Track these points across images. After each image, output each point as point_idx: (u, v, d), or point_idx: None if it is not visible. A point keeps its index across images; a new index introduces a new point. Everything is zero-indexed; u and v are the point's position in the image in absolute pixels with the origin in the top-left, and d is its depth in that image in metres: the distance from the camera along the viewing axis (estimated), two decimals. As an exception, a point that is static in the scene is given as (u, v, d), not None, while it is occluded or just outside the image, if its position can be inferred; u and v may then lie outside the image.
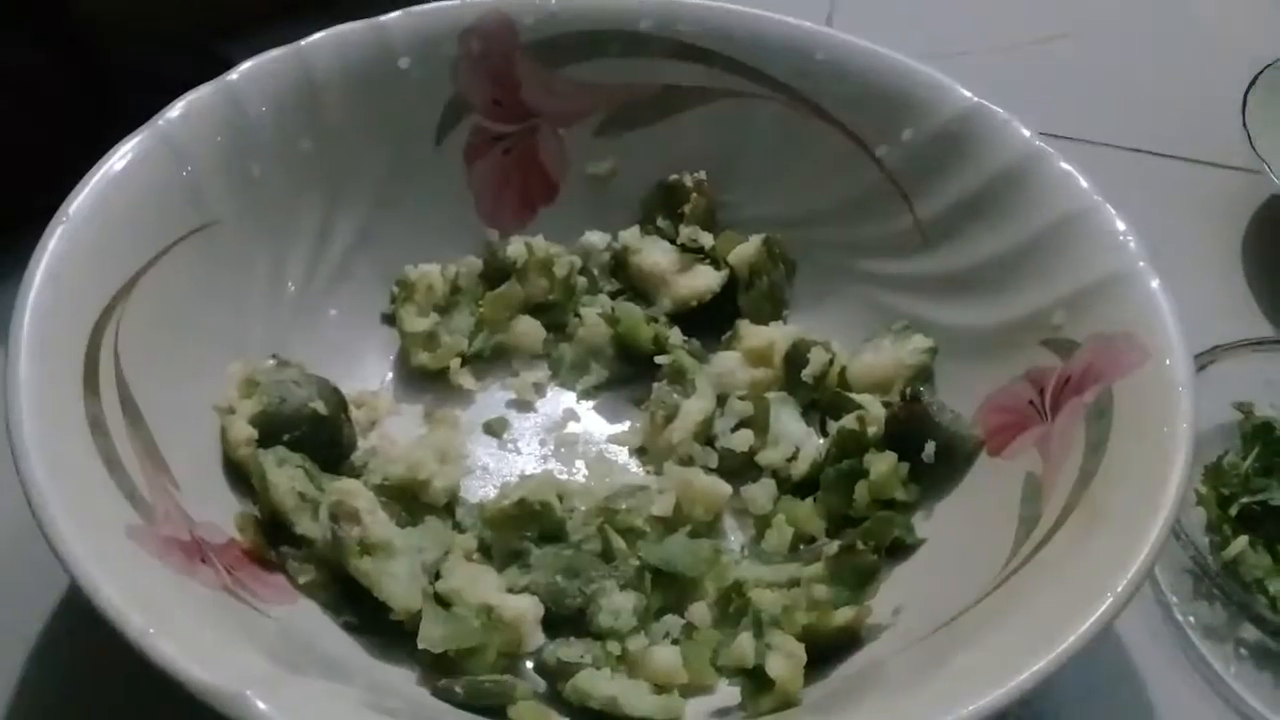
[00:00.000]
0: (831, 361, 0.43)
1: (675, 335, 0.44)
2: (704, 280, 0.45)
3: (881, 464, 0.39)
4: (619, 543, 0.37)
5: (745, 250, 0.45)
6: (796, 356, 0.43)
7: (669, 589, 0.37)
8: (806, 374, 0.43)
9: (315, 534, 0.36)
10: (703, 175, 0.46)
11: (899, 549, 0.39)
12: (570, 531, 0.38)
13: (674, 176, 0.47)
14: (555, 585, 0.36)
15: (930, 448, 0.40)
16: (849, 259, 0.46)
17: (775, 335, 0.44)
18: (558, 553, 0.37)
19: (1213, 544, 0.42)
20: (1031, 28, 0.63)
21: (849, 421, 0.41)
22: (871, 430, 0.40)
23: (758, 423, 0.42)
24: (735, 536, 0.41)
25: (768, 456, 0.41)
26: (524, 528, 0.38)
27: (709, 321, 0.45)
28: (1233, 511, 0.42)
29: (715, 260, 0.46)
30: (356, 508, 0.36)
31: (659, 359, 0.44)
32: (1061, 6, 0.65)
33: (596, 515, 0.38)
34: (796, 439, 0.41)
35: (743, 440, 0.41)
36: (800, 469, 0.41)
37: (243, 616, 0.32)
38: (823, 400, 0.43)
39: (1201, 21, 0.65)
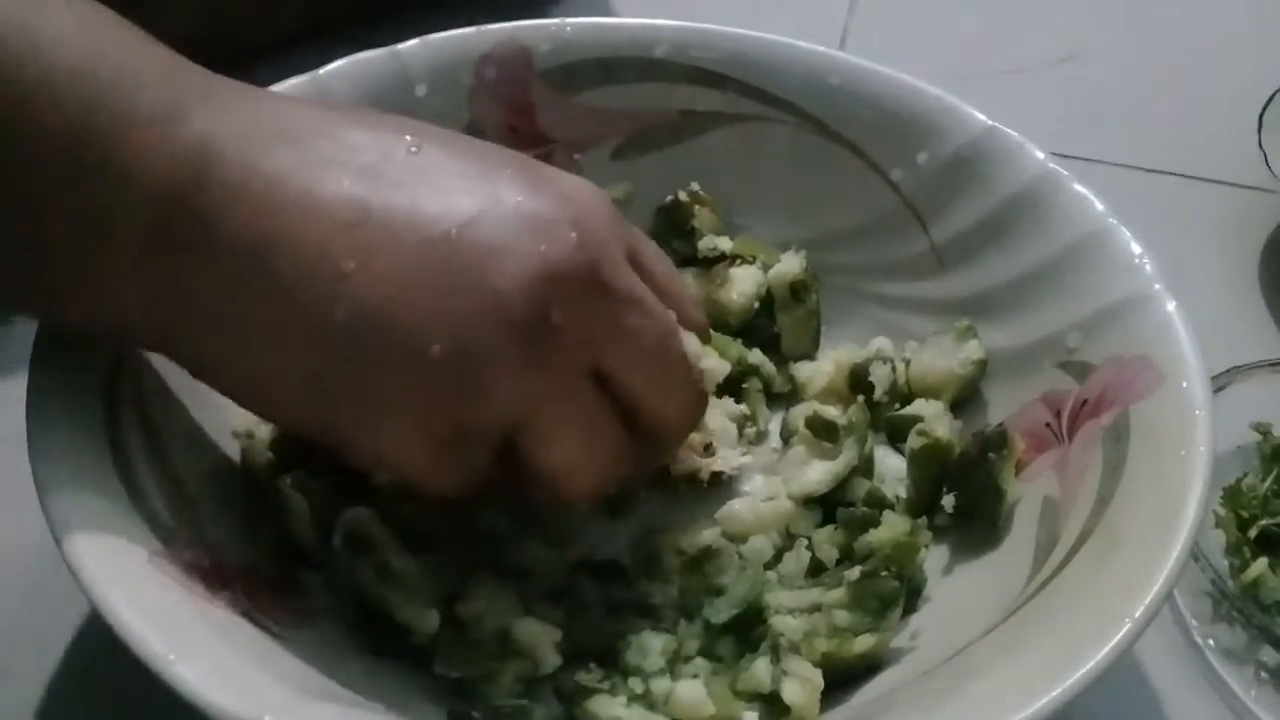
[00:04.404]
0: (894, 369, 0.42)
1: (755, 355, 0.44)
2: (748, 282, 0.45)
3: (896, 527, 0.38)
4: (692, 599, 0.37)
5: (786, 268, 0.44)
6: (858, 382, 0.42)
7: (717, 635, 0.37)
8: (880, 395, 0.42)
9: (333, 559, 0.36)
10: (695, 186, 0.46)
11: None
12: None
13: (669, 198, 0.47)
14: (590, 621, 0.36)
15: (969, 496, 0.39)
16: (864, 282, 0.46)
17: (829, 369, 0.43)
18: (599, 589, 0.37)
19: (1232, 566, 0.42)
20: (1044, 49, 0.63)
21: (926, 432, 0.39)
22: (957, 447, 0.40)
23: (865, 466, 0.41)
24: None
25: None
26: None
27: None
28: (1252, 534, 0.42)
29: (740, 257, 0.45)
30: (370, 533, 0.36)
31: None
32: (1074, 27, 0.65)
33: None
34: (899, 472, 0.41)
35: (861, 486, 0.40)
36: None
37: (263, 641, 0.32)
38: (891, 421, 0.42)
39: (1217, 41, 0.65)
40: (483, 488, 0.33)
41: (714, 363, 0.36)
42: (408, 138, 0.32)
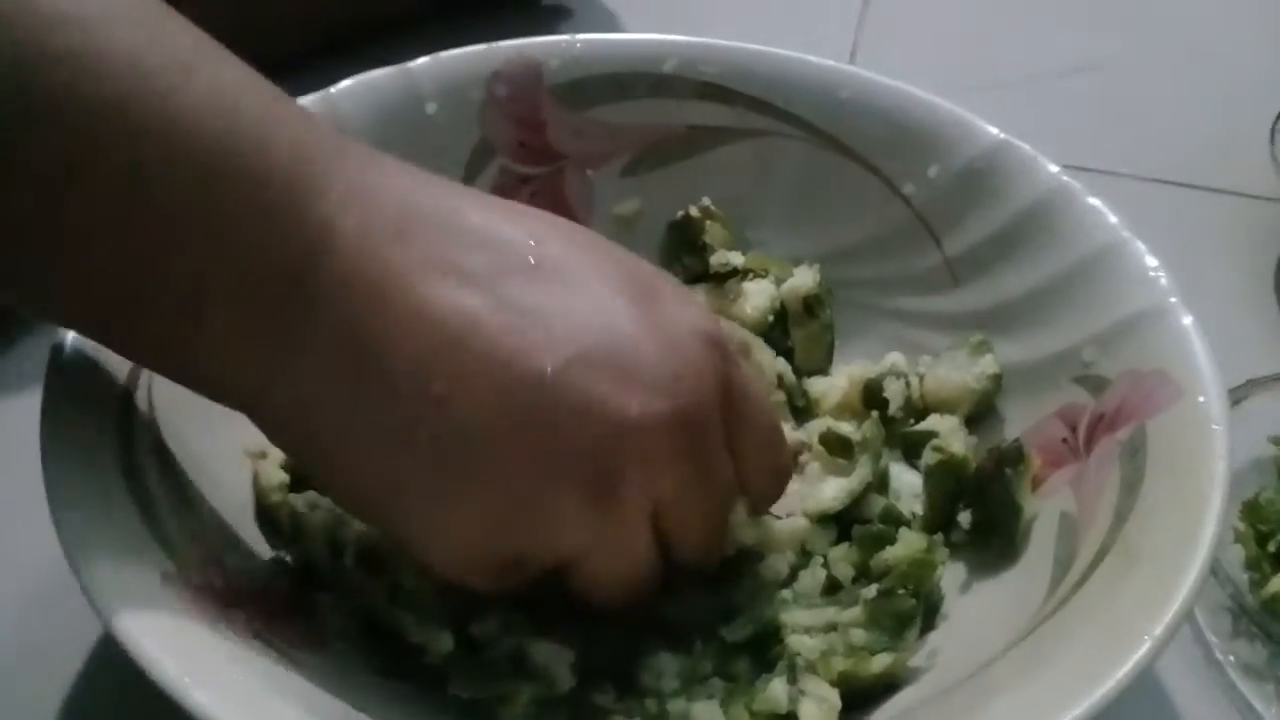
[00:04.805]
0: (908, 384, 0.42)
1: (780, 363, 0.43)
2: (760, 297, 0.44)
3: (912, 544, 0.37)
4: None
5: (800, 283, 0.44)
6: (872, 397, 0.42)
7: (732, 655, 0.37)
8: (894, 410, 0.42)
9: (346, 579, 0.36)
10: (707, 201, 0.46)
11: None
12: None
13: (681, 213, 0.46)
14: (605, 641, 0.36)
15: (986, 513, 0.39)
16: (877, 296, 0.46)
17: (843, 384, 0.43)
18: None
19: (1252, 581, 0.41)
20: (1055, 60, 0.63)
21: (941, 448, 0.39)
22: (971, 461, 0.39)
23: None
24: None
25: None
26: None
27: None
28: (1271, 548, 0.42)
29: (752, 272, 0.45)
30: (383, 553, 0.36)
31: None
32: (1085, 38, 0.65)
33: None
34: (915, 488, 0.41)
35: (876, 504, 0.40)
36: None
37: (275, 663, 0.32)
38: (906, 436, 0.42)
39: (1228, 51, 0.65)
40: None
41: (745, 535, 0.36)
42: (530, 242, 0.32)
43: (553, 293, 0.31)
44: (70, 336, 0.35)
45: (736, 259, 0.46)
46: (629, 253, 0.34)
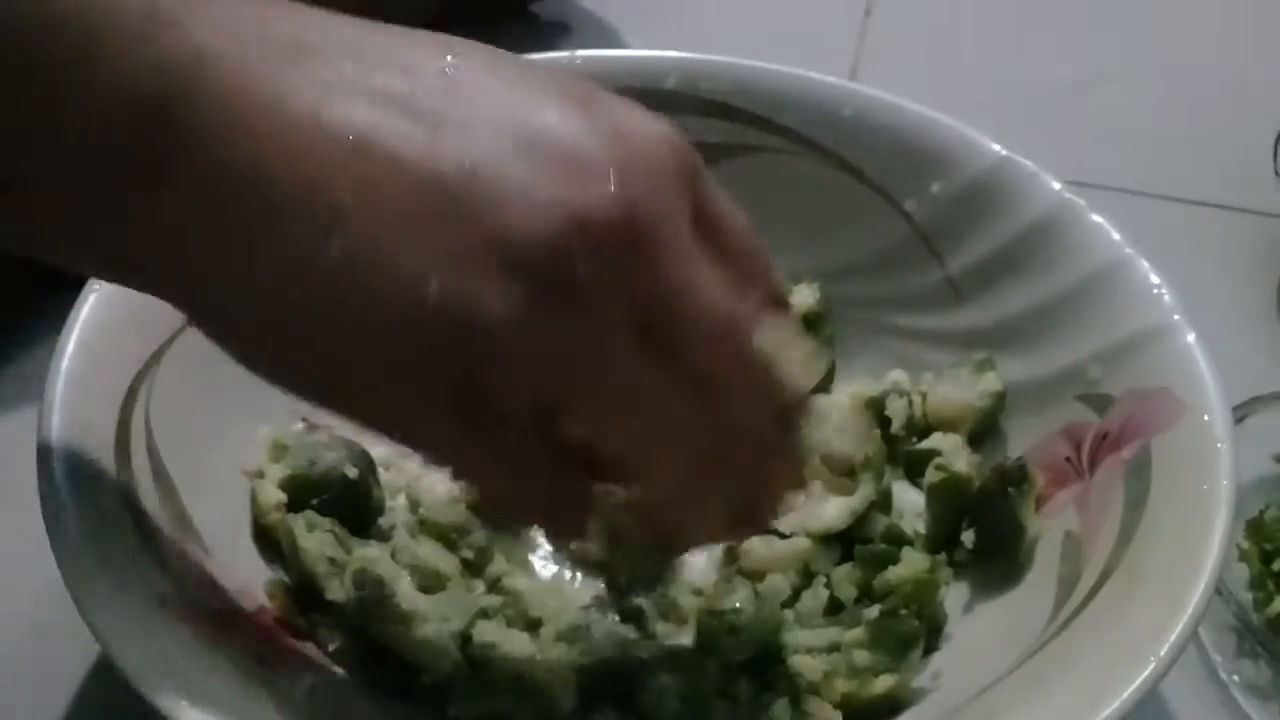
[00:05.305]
0: (910, 402, 0.42)
1: None
2: None
3: (915, 564, 0.37)
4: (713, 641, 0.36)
5: (800, 300, 0.44)
6: (877, 413, 0.42)
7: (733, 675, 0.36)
8: (897, 428, 0.41)
9: (345, 600, 0.36)
10: None
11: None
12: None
13: None
14: (606, 661, 0.36)
15: (989, 532, 0.38)
16: (879, 314, 0.45)
17: (845, 402, 0.42)
18: (614, 631, 0.37)
19: (1256, 600, 0.41)
20: (1058, 76, 0.63)
21: (944, 467, 0.39)
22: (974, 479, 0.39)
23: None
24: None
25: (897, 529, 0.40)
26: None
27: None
28: (1276, 567, 0.41)
29: None
30: (381, 574, 0.36)
31: None
32: (1087, 54, 0.65)
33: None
34: (918, 507, 0.40)
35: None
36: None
37: (273, 685, 0.32)
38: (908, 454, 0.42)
39: (1232, 65, 0.64)
40: (554, 502, 0.29)
41: (800, 351, 0.29)
42: (448, 57, 0.27)
43: (475, 92, 0.27)
44: (67, 357, 0.35)
45: None
46: (574, 76, 0.29)
